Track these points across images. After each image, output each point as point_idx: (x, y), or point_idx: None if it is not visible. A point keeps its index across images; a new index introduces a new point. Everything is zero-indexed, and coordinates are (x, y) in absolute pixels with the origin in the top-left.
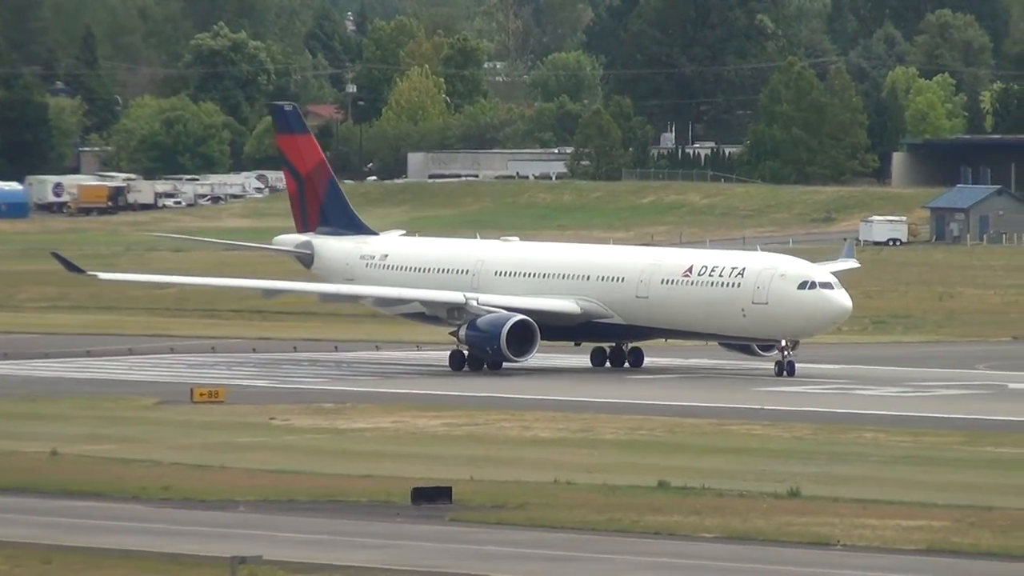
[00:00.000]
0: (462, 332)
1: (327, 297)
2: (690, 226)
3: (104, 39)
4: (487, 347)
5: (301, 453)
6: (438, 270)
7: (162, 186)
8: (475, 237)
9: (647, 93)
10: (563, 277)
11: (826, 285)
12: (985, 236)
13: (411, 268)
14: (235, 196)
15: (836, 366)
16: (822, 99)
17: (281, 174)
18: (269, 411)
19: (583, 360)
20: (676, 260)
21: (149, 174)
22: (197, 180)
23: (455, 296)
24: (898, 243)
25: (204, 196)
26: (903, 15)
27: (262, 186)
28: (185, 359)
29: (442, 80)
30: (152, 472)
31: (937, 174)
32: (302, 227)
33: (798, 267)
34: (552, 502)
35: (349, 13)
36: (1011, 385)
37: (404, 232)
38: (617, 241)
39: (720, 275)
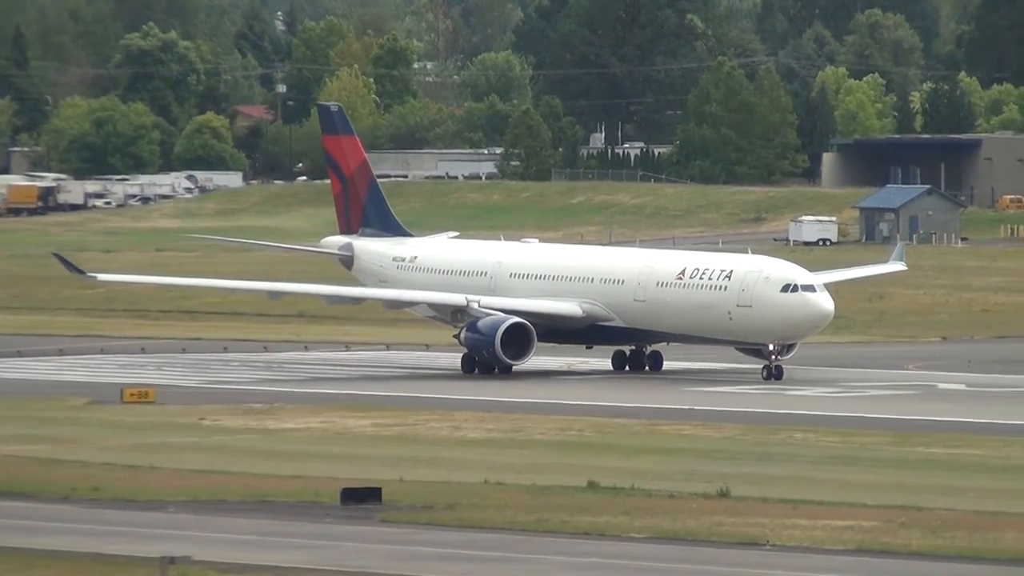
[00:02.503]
0: (463, 335)
1: (332, 299)
2: (620, 226)
3: (34, 39)
4: (483, 350)
5: (231, 453)
6: (460, 272)
7: (92, 186)
8: (498, 238)
9: (577, 93)
10: (570, 280)
11: (808, 288)
12: (915, 236)
13: (437, 270)
14: (165, 196)
15: None
16: (752, 99)
17: (210, 175)
18: (199, 411)
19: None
20: (670, 263)
21: (79, 174)
22: (127, 180)
23: (457, 298)
24: (828, 243)
25: (134, 196)
26: (833, 15)
27: (192, 186)
28: (115, 359)
29: (372, 80)
30: (82, 472)
31: (867, 174)
32: (345, 228)
33: (783, 270)
34: (482, 503)
35: (279, 13)
36: (940, 385)
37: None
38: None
39: (710, 278)
